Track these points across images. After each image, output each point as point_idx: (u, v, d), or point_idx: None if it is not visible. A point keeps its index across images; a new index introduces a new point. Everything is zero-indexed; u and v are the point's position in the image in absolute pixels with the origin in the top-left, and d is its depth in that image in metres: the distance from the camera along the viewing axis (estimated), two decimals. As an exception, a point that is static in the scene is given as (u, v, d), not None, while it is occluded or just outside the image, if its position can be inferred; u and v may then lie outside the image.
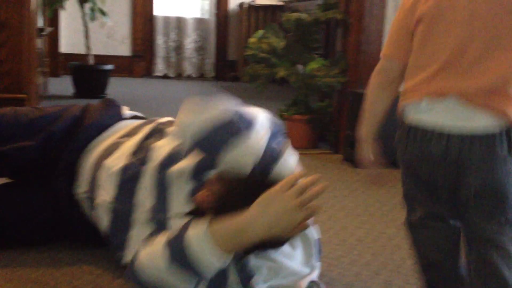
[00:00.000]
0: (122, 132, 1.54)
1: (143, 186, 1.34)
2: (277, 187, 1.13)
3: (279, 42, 3.11)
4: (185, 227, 1.15)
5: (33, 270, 1.42)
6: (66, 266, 1.45)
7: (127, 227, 1.34)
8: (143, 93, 5.17)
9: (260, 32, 3.19)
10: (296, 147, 3.10)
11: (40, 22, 4.54)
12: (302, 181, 1.15)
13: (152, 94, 5.12)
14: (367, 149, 1.34)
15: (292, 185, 1.13)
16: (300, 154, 2.97)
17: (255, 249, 1.17)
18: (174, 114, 1.53)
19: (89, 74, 4.71)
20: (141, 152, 1.39)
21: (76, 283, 1.36)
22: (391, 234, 1.85)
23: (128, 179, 1.36)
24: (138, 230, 1.32)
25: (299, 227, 1.15)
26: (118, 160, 1.41)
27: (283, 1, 6.32)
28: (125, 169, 1.38)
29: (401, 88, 1.16)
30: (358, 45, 2.93)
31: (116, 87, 5.24)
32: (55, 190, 1.50)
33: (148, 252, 1.17)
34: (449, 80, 1.02)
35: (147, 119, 1.64)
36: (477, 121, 0.99)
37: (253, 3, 6.30)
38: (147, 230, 1.30)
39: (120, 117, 1.63)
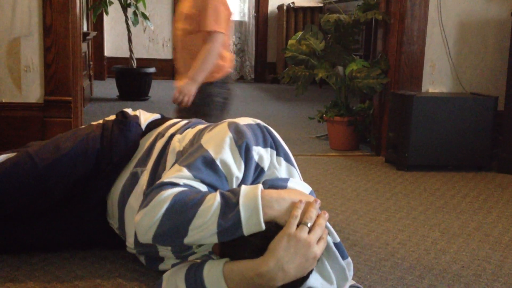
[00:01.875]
0: (138, 157, 1.49)
1: None
2: (285, 231, 1.07)
3: (318, 44, 3.10)
4: (201, 265, 1.15)
5: (79, 267, 1.45)
6: (110, 263, 1.49)
7: (160, 260, 1.39)
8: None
9: (299, 34, 3.18)
10: (336, 149, 3.11)
11: (85, 27, 4.66)
12: (306, 214, 1.10)
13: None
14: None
15: (297, 219, 1.09)
16: (341, 156, 2.97)
17: None
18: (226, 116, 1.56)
19: (132, 77, 4.81)
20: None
21: (120, 280, 1.39)
22: (435, 238, 1.81)
23: None
24: (168, 263, 1.37)
25: (323, 249, 1.12)
26: (137, 202, 1.38)
27: (322, 2, 6.29)
28: None
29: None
30: (399, 46, 2.89)
31: (158, 90, 5.32)
32: (87, 221, 1.52)
33: (167, 285, 1.18)
34: None
35: (161, 125, 1.58)
36: None
37: (292, 5, 6.29)
38: (176, 261, 1.34)
39: (139, 135, 1.54)
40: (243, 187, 1.12)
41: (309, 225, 1.08)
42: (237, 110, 3.48)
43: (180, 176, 1.17)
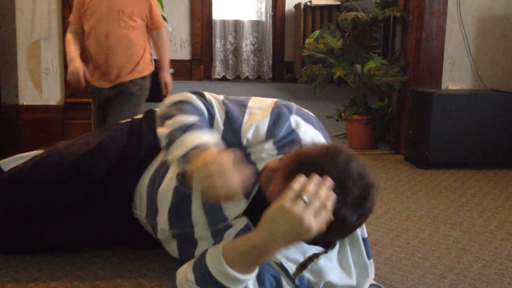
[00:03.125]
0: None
1: (197, 207, 1.35)
2: (280, 203, 1.06)
3: (336, 42, 3.08)
4: (205, 252, 1.16)
5: (100, 267, 1.47)
6: (131, 263, 1.50)
7: (194, 245, 1.39)
8: (201, 96, 5.24)
9: (317, 33, 3.17)
10: (355, 147, 3.09)
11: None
12: (305, 187, 1.07)
13: (210, 96, 5.18)
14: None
15: (294, 192, 1.06)
16: (360, 155, 2.95)
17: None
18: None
19: (151, 78, 4.83)
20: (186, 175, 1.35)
21: (140, 280, 1.40)
22: (457, 237, 1.79)
23: (180, 204, 1.37)
24: (203, 245, 1.36)
25: (323, 222, 1.07)
26: (168, 186, 1.39)
27: (339, 0, 6.26)
28: (175, 195, 1.38)
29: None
30: (418, 43, 2.87)
31: (176, 90, 5.33)
32: (113, 213, 1.53)
33: (179, 279, 1.18)
34: None
35: None
36: None
37: (309, 4, 6.28)
38: (210, 243, 1.34)
39: None
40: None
41: (305, 199, 1.04)
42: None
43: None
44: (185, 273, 1.15)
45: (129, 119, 1.63)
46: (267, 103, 1.36)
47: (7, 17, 2.53)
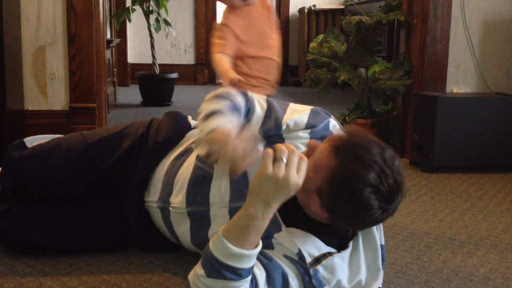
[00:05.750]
0: (192, 140, 1.57)
1: (215, 185, 1.38)
2: (263, 171, 1.10)
3: (340, 46, 3.08)
4: (207, 245, 1.16)
5: (106, 272, 1.47)
6: (136, 268, 1.50)
7: (207, 225, 1.40)
8: (206, 100, 5.25)
9: (321, 37, 3.17)
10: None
11: (108, 34, 4.72)
12: (278, 148, 1.11)
13: (215, 101, 5.18)
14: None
15: (271, 156, 1.11)
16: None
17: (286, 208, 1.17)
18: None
19: (155, 83, 4.85)
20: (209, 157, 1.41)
21: (146, 285, 1.40)
22: (462, 241, 1.78)
23: (200, 182, 1.41)
24: (217, 224, 1.38)
25: (305, 171, 1.11)
26: (190, 165, 1.45)
27: (343, 4, 6.27)
28: (195, 172, 1.42)
29: None
30: (422, 46, 2.86)
31: (180, 95, 5.36)
32: (124, 202, 1.55)
33: (191, 279, 1.18)
34: None
35: None
36: None
37: (313, 8, 6.28)
38: (226, 222, 1.33)
39: (187, 128, 1.63)
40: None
41: (284, 159, 1.08)
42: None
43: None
44: (195, 271, 1.15)
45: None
46: (306, 107, 1.45)
47: (12, 23, 2.54)
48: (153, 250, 1.60)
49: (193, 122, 1.67)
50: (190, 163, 1.46)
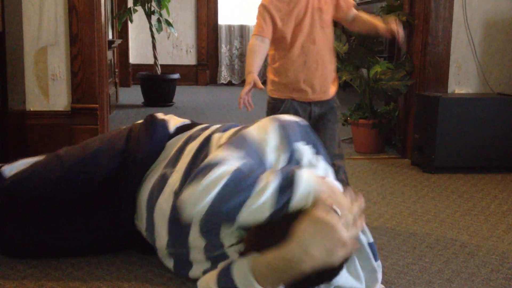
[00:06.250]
0: (168, 159, 1.48)
1: (194, 228, 1.33)
2: (310, 214, 1.05)
3: (341, 46, 3.08)
4: (230, 267, 1.14)
5: (107, 272, 1.47)
6: (137, 269, 1.50)
7: (189, 266, 1.39)
8: (209, 100, 5.27)
9: (323, 37, 3.16)
10: (361, 152, 3.08)
11: (110, 35, 4.73)
12: (342, 200, 1.08)
13: (217, 101, 5.20)
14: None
15: (329, 205, 1.06)
16: (366, 159, 2.94)
17: (308, 284, 1.10)
18: (238, 121, 1.55)
19: (157, 84, 4.85)
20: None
21: (147, 285, 1.40)
22: (464, 241, 1.78)
23: (178, 223, 1.36)
24: (197, 267, 1.36)
25: (351, 248, 1.08)
26: (167, 202, 1.39)
27: (345, 5, 6.25)
28: (174, 213, 1.37)
29: None
30: (424, 47, 2.86)
31: (182, 96, 5.36)
32: (117, 220, 1.53)
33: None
34: None
35: (191, 129, 1.58)
36: None
37: (315, 8, 6.27)
38: (205, 267, 1.34)
39: (166, 137, 1.55)
40: (300, 171, 1.11)
41: (338, 212, 1.04)
42: (260, 114, 3.48)
43: (226, 158, 1.16)
44: (208, 285, 1.14)
45: (130, 125, 1.63)
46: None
47: (14, 23, 2.54)
48: (154, 253, 1.59)
49: (172, 127, 1.58)
50: (167, 197, 1.39)
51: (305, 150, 1.25)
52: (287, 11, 1.76)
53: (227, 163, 1.14)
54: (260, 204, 1.08)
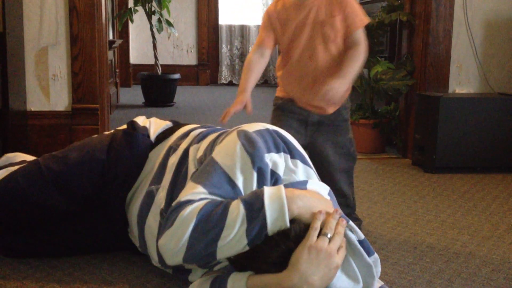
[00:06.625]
0: (153, 174, 1.46)
1: None
2: (306, 243, 1.07)
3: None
4: (225, 278, 1.15)
5: (108, 272, 1.47)
6: (138, 269, 1.50)
7: (188, 271, 1.39)
8: (209, 100, 5.27)
9: (324, 37, 3.16)
10: (362, 152, 3.08)
11: (110, 35, 4.73)
12: (326, 224, 1.10)
13: (218, 101, 5.20)
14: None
15: (317, 230, 1.09)
16: (367, 159, 2.94)
17: None
18: (238, 120, 1.54)
19: (157, 84, 4.86)
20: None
21: (148, 285, 1.40)
22: (465, 241, 1.78)
23: None
24: (196, 273, 1.36)
25: (342, 258, 1.13)
26: (155, 221, 1.38)
27: (346, 5, 6.25)
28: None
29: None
30: (425, 47, 2.86)
31: (183, 96, 5.37)
32: (112, 228, 1.54)
33: None
34: None
35: (172, 134, 1.54)
36: None
37: (315, 8, 6.27)
38: (204, 271, 1.34)
39: (148, 147, 1.52)
40: (266, 189, 1.12)
41: (329, 235, 1.09)
42: (261, 114, 3.48)
43: (196, 193, 1.16)
44: None
45: (113, 130, 1.60)
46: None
47: (15, 24, 2.54)
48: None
49: (153, 134, 1.55)
50: (155, 215, 1.38)
51: (278, 159, 1.23)
52: (287, 21, 1.69)
53: (194, 202, 1.14)
54: (233, 236, 1.09)
